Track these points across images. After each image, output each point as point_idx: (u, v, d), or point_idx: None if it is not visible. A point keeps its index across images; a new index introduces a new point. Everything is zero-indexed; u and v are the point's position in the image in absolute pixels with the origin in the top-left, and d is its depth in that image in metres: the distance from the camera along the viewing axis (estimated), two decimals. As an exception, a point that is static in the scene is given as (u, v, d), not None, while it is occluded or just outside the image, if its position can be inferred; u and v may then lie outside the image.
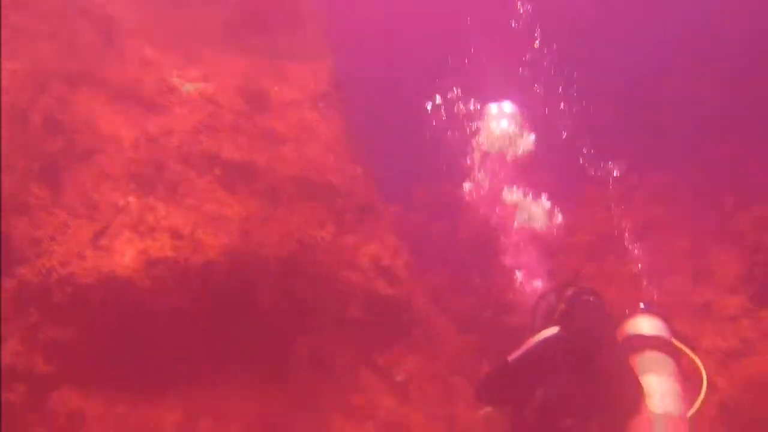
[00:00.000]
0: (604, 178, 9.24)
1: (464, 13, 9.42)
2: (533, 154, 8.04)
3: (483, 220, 8.51)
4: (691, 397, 3.73)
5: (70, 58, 7.43)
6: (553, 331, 3.79)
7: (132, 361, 6.30)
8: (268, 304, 6.90)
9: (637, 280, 8.18)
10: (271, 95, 8.10)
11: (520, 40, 8.68)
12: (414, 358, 7.74)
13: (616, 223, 9.28)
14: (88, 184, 6.77)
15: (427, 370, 7.78)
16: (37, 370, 5.97)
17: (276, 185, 7.26)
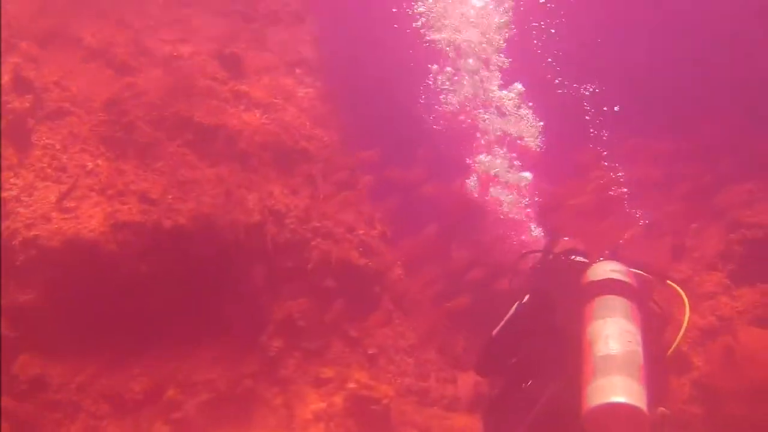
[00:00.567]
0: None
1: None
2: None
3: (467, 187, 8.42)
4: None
5: (43, 16, 7.25)
6: (524, 299, 3.80)
7: (97, 327, 6.16)
8: (239, 272, 6.80)
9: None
10: (247, 60, 7.95)
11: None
12: (387, 330, 7.67)
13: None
14: (57, 146, 6.63)
15: (399, 342, 7.70)
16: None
17: (249, 150, 7.12)
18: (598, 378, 3.06)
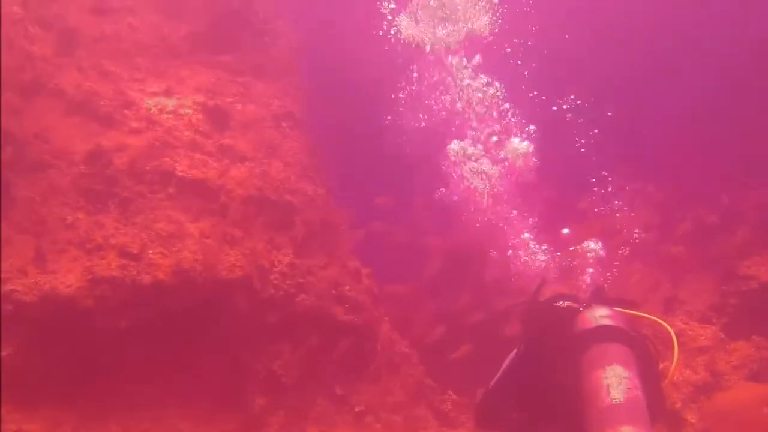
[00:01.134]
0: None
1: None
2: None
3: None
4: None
5: (26, 68, 7.20)
6: (517, 350, 3.92)
7: (75, 383, 6.00)
8: (221, 328, 6.64)
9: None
10: (233, 113, 7.88)
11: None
12: (374, 387, 7.49)
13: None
14: (36, 199, 6.51)
15: (387, 400, 7.52)
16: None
17: (232, 204, 7.00)
18: (606, 429, 3.16)
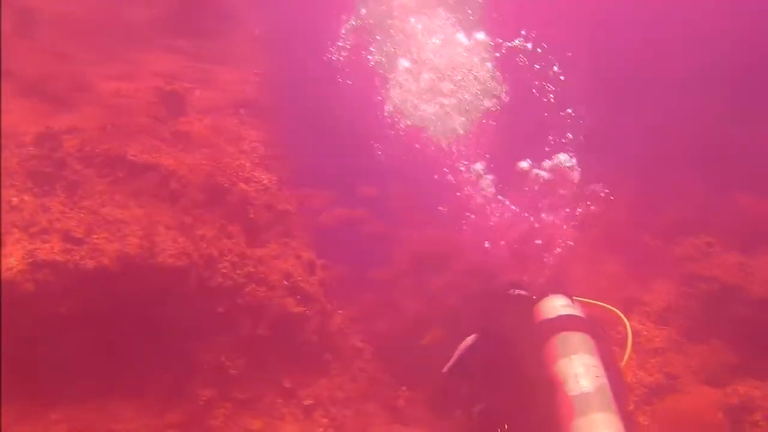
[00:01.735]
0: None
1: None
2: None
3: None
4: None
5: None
6: (473, 337, 4.06)
7: (14, 371, 5.83)
8: (167, 317, 6.51)
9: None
10: (191, 99, 7.79)
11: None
12: (324, 381, 7.40)
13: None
14: (-18, 179, 6.39)
15: (337, 394, 7.43)
16: None
17: (183, 191, 6.90)
18: (579, 417, 3.24)
